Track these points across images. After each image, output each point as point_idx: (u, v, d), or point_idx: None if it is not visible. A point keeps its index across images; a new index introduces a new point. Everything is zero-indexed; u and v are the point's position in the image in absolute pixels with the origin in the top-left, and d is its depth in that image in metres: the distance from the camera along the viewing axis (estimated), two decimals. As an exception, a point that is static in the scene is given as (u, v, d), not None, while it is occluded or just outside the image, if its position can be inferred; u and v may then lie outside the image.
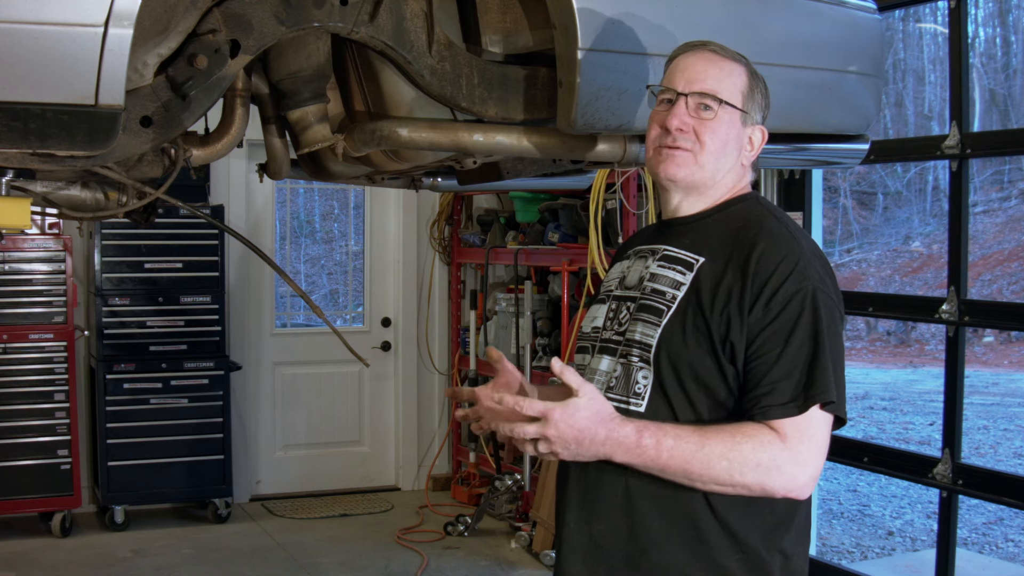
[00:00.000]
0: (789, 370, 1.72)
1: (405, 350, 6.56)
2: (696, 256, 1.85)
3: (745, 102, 1.88)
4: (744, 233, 1.83)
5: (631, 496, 1.83)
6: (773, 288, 1.74)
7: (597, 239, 4.93)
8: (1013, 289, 14.33)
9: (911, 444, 9.19)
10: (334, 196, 7.61)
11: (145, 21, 1.82)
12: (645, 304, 1.86)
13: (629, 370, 1.86)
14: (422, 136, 2.19)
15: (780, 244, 1.79)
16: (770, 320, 1.74)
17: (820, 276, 1.78)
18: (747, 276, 1.76)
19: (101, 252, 5.48)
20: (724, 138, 1.87)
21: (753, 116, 1.90)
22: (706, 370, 1.78)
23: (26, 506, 5.31)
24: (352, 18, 2.05)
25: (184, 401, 5.60)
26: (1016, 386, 11.91)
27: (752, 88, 1.89)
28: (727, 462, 1.69)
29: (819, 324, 1.73)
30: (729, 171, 1.90)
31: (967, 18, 4.09)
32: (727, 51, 1.90)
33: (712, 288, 1.79)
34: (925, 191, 17.07)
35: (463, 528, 5.53)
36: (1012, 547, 6.26)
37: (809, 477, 1.72)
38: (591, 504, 1.88)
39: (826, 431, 1.74)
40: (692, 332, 1.79)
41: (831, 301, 1.78)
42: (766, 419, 1.71)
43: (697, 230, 1.90)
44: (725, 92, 1.86)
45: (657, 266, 1.89)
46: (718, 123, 1.86)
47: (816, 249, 1.85)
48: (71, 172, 2.43)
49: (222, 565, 5.05)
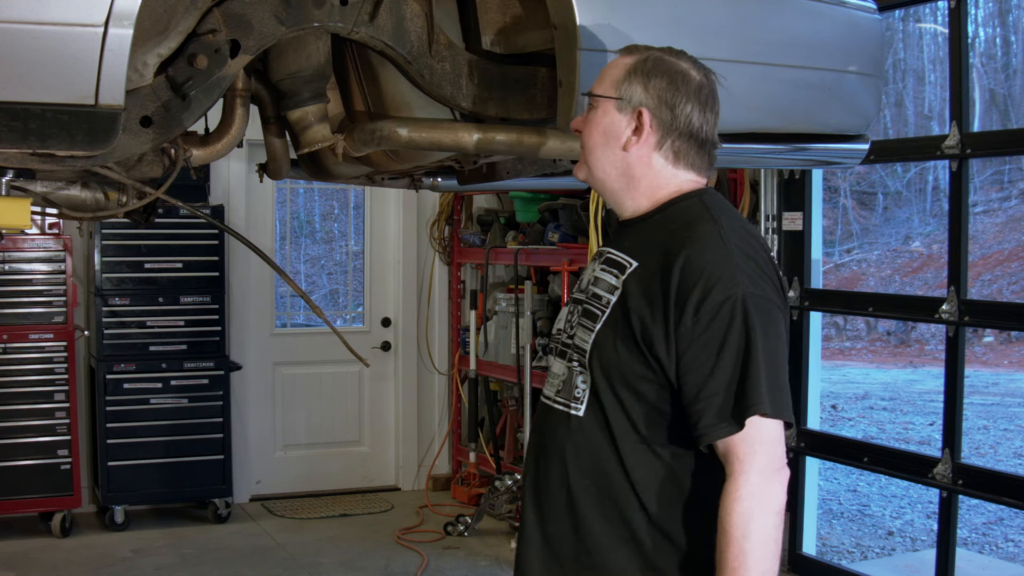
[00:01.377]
0: (723, 383, 1.70)
1: (405, 350, 6.56)
2: (631, 260, 1.82)
3: (617, 88, 1.83)
4: (673, 237, 1.79)
5: (573, 497, 1.84)
6: (699, 298, 1.70)
7: (597, 239, 4.93)
8: (1013, 289, 14.33)
9: (911, 444, 9.18)
10: (334, 196, 7.61)
11: (145, 21, 1.82)
12: (586, 308, 1.86)
13: (571, 374, 1.87)
14: (422, 136, 2.19)
15: (706, 250, 1.74)
16: (700, 332, 1.71)
17: (751, 278, 1.73)
18: (670, 285, 1.73)
19: (101, 252, 5.48)
20: (599, 130, 1.85)
21: (630, 101, 1.83)
22: (636, 376, 1.77)
23: (26, 506, 5.31)
24: (352, 18, 2.05)
25: (184, 401, 5.60)
26: (1016, 386, 11.91)
27: (629, 74, 1.83)
28: (754, 552, 1.67)
29: (751, 333, 1.70)
30: (625, 163, 1.85)
31: (967, 18, 4.09)
32: (631, 48, 1.88)
33: (639, 294, 1.77)
34: (925, 191, 17.06)
35: (463, 528, 5.53)
36: (1012, 547, 6.26)
37: (780, 482, 1.71)
38: (543, 504, 1.90)
39: (774, 429, 1.72)
40: (622, 338, 1.78)
41: (764, 303, 1.73)
42: (709, 441, 1.71)
43: (639, 231, 1.87)
44: (600, 87, 1.86)
45: (600, 269, 1.88)
46: (593, 116, 1.87)
47: (751, 245, 1.79)
48: (71, 172, 2.43)
49: (222, 565, 5.05)
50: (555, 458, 1.88)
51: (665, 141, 1.84)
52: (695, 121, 1.83)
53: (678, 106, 1.82)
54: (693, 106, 1.83)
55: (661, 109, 1.82)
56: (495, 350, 6.03)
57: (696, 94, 1.83)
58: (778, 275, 1.82)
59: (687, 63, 1.85)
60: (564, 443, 1.86)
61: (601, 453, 1.82)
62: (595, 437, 1.83)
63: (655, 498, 1.79)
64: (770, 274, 1.79)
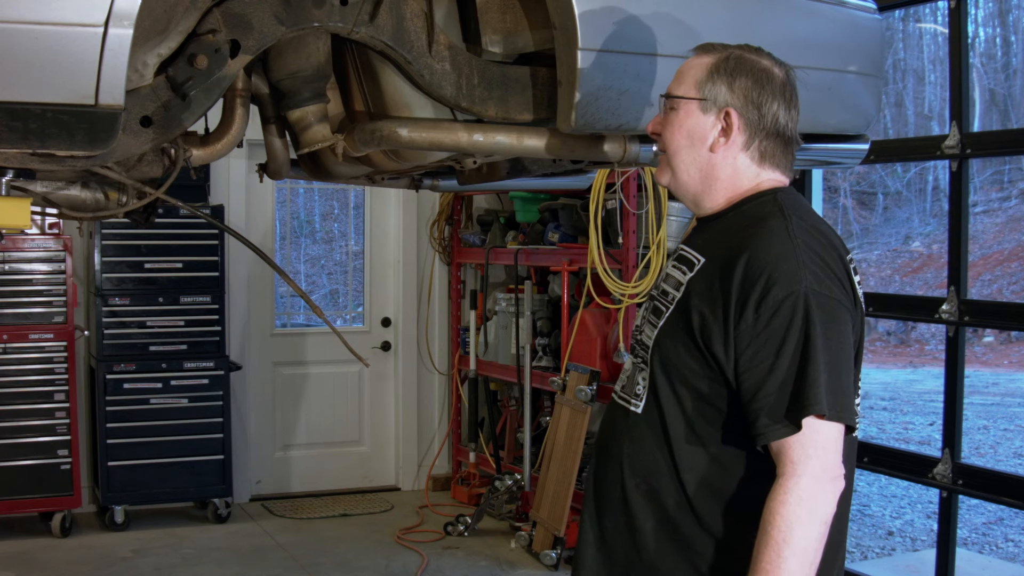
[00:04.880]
0: (782, 381, 1.66)
1: (405, 350, 6.56)
2: (700, 256, 1.81)
3: (700, 89, 1.81)
4: (741, 234, 1.76)
5: (627, 494, 1.84)
6: (760, 295, 1.68)
7: (597, 239, 4.93)
8: (1013, 289, 14.33)
9: (911, 444, 9.18)
10: (334, 196, 7.61)
11: (145, 21, 1.82)
12: (655, 305, 1.86)
13: (634, 371, 1.87)
14: (422, 136, 2.19)
15: (770, 246, 1.71)
16: (760, 330, 1.68)
17: (816, 276, 1.69)
18: (732, 281, 1.70)
19: (101, 252, 5.48)
20: (682, 132, 1.83)
21: (715, 101, 1.81)
22: (693, 373, 1.76)
23: (26, 506, 5.31)
24: (352, 18, 2.05)
25: (184, 401, 5.60)
26: (1016, 386, 11.91)
27: (712, 73, 1.81)
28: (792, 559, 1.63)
29: (811, 330, 1.66)
30: (710, 165, 1.83)
31: (967, 18, 4.09)
32: (707, 47, 1.86)
33: (701, 291, 1.76)
34: (925, 191, 17.07)
35: (463, 528, 5.53)
36: (1012, 547, 6.26)
37: (832, 491, 1.67)
38: (600, 499, 1.90)
39: (832, 433, 1.67)
40: (682, 335, 1.76)
41: (828, 301, 1.69)
42: (766, 441, 1.68)
43: (713, 229, 1.86)
44: (681, 88, 1.83)
45: (671, 266, 1.88)
46: (674, 117, 1.84)
47: (819, 243, 1.75)
48: (71, 172, 2.43)
49: (222, 565, 5.05)
50: (613, 454, 1.87)
51: (753, 141, 1.82)
52: (781, 119, 1.82)
53: (764, 105, 1.80)
54: (779, 104, 1.81)
55: (748, 108, 1.80)
56: (495, 350, 6.03)
57: (781, 92, 1.82)
58: (849, 275, 1.77)
59: (768, 60, 1.83)
60: (622, 439, 1.85)
61: (655, 452, 1.80)
62: (650, 435, 1.81)
63: (704, 500, 1.76)
64: (839, 273, 1.74)
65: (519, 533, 5.30)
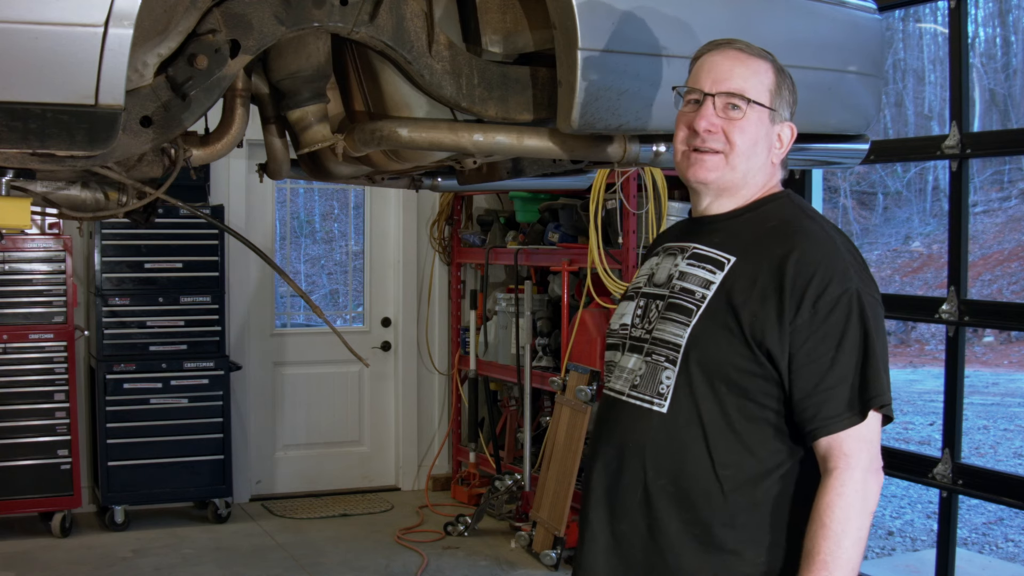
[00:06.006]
0: (843, 375, 1.71)
1: (405, 350, 6.56)
2: (727, 255, 1.83)
3: (773, 99, 1.86)
4: (778, 233, 1.81)
5: (650, 496, 1.81)
6: (816, 292, 1.73)
7: (597, 239, 4.93)
8: (1013, 289, 14.32)
9: (911, 444, 9.18)
10: (334, 196, 7.61)
11: (145, 21, 1.82)
12: (674, 303, 1.85)
13: (654, 369, 1.84)
14: (422, 136, 2.19)
15: (818, 246, 1.78)
16: (818, 325, 1.72)
17: (860, 276, 1.78)
18: (785, 280, 1.74)
19: (101, 252, 5.48)
20: (754, 137, 1.85)
21: (781, 113, 1.89)
22: (738, 371, 1.76)
23: (26, 506, 5.31)
24: (352, 18, 2.05)
25: (184, 401, 5.60)
26: (1016, 386, 11.91)
27: (779, 85, 1.87)
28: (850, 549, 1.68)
29: (867, 325, 1.73)
30: (759, 170, 1.89)
31: (967, 18, 4.09)
32: (753, 48, 1.88)
33: (746, 289, 1.77)
34: (925, 191, 17.06)
35: (463, 528, 5.53)
36: (1012, 547, 6.26)
37: (877, 483, 1.73)
38: (614, 502, 1.87)
39: (877, 427, 1.75)
40: (724, 333, 1.77)
41: (874, 300, 1.78)
42: (828, 434, 1.71)
43: (728, 229, 1.88)
44: (752, 91, 1.84)
45: (687, 264, 1.88)
46: (747, 122, 1.84)
47: (850, 245, 1.85)
48: (71, 172, 2.43)
49: (222, 565, 5.05)
50: (632, 455, 1.84)
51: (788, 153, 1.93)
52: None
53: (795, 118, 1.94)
54: None
55: (795, 125, 1.93)
56: (495, 350, 6.03)
57: None
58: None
59: None
60: (644, 440, 1.83)
61: (686, 452, 1.79)
62: (681, 435, 1.80)
63: (738, 501, 1.76)
64: (868, 272, 1.84)
65: (519, 533, 5.30)
